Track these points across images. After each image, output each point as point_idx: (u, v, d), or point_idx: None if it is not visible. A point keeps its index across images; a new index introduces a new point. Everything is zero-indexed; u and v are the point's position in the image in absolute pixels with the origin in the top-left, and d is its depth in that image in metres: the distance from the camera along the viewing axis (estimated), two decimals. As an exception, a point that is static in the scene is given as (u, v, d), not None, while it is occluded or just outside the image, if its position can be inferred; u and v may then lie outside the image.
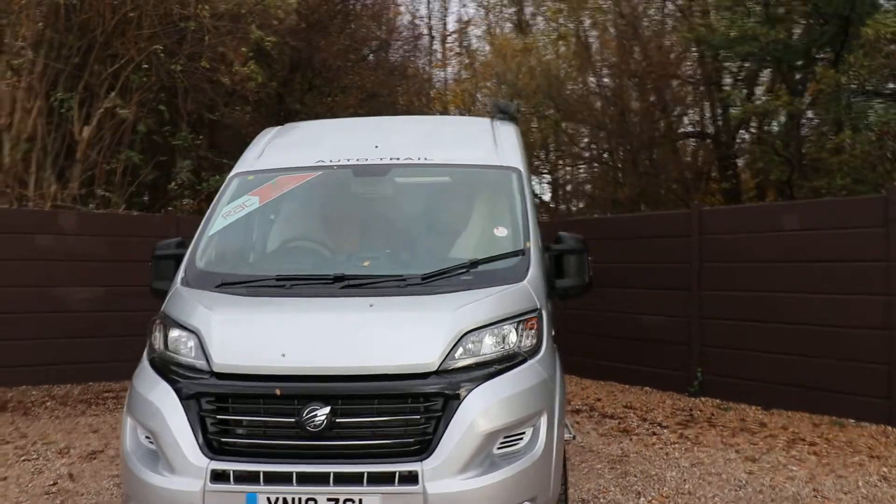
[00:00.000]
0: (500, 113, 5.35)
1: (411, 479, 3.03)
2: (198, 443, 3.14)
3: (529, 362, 3.45)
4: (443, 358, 3.24)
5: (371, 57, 13.48)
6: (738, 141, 16.88)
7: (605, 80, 18.39)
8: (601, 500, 4.88)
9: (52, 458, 5.84)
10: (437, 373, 3.21)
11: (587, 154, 19.74)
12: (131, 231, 9.06)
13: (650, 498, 4.92)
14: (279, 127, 5.39)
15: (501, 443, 3.25)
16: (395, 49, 15.30)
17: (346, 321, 3.41)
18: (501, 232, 4.13)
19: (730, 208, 9.56)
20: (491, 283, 3.68)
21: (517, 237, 4.04)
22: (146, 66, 9.26)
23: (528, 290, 3.71)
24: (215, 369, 3.26)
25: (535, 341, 3.56)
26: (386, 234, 4.36)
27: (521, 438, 3.30)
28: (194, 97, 10.24)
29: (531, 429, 3.33)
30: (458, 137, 5.00)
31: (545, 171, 24.15)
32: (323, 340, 3.31)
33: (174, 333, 3.49)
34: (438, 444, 3.09)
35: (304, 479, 3.05)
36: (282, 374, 3.21)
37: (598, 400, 8.43)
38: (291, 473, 3.05)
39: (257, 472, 3.06)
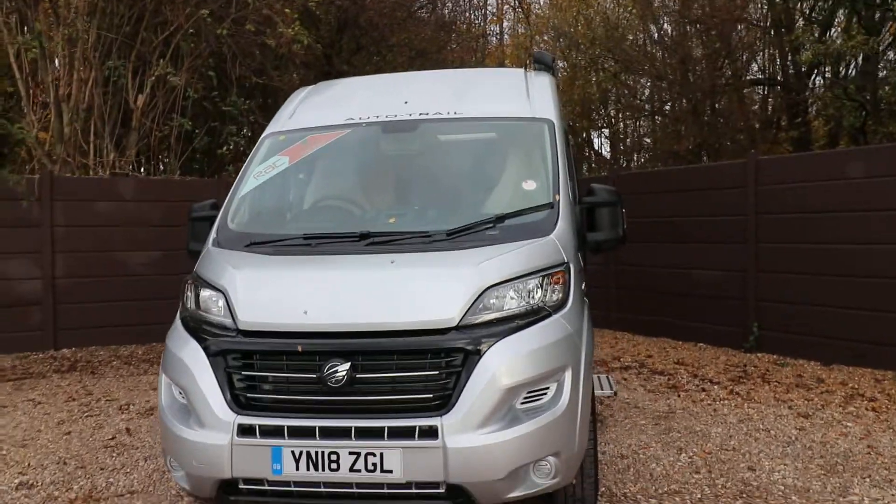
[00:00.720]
0: (537, 63, 5.20)
1: (431, 433, 3.03)
2: (225, 399, 3.22)
3: (554, 317, 3.38)
4: (463, 313, 3.21)
5: (420, 13, 13.23)
6: (809, 86, 16.03)
7: (667, 27, 17.67)
8: (641, 455, 4.81)
9: (112, 414, 6.14)
10: (457, 328, 3.19)
11: (648, 106, 19.11)
12: (185, 196, 9.28)
13: (692, 454, 4.82)
14: (312, 86, 5.38)
15: (525, 398, 3.21)
16: (444, 4, 14.99)
17: (366, 278, 3.41)
18: (530, 185, 4.03)
19: (788, 157, 9.10)
20: (517, 237, 3.61)
21: (546, 190, 3.94)
22: (192, 31, 9.37)
23: (555, 243, 3.63)
24: (240, 327, 3.32)
25: (561, 296, 3.48)
26: (414, 191, 4.32)
27: (546, 393, 3.26)
28: (243, 62, 10.33)
29: (555, 384, 3.27)
30: (490, 90, 4.88)
31: (603, 125, 23.62)
32: (343, 297, 3.32)
33: (205, 293, 3.56)
34: (458, 399, 3.08)
35: (327, 433, 3.09)
36: (304, 330, 3.24)
37: (650, 356, 8.29)
38: (314, 428, 3.10)
39: (282, 427, 3.12)
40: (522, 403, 3.21)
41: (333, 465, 3.08)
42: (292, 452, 3.10)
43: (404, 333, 3.18)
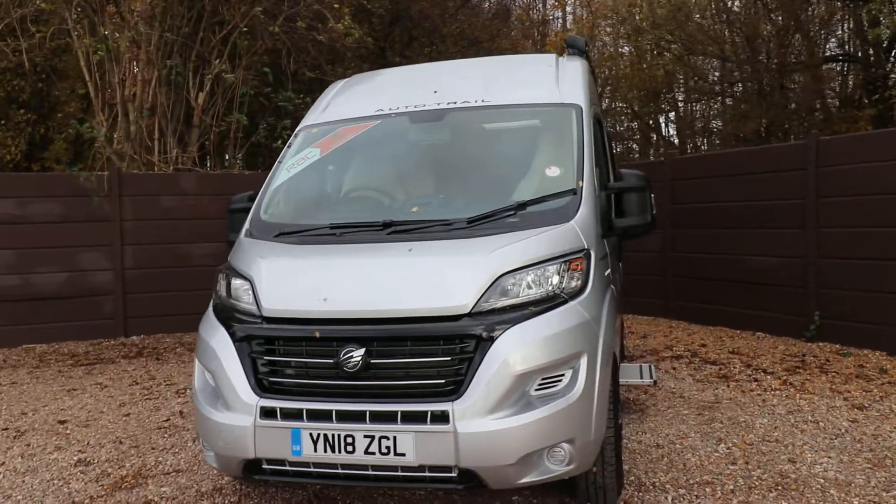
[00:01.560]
0: (570, 48, 5.15)
1: (443, 418, 3.08)
2: (250, 383, 3.35)
3: (570, 304, 3.36)
4: (476, 300, 3.24)
5: (474, 1, 13.20)
6: (890, 61, 15.16)
7: (734, 5, 17.04)
8: (677, 445, 4.72)
9: (170, 398, 6.46)
10: (470, 315, 3.22)
11: (716, 88, 18.49)
12: (243, 189, 9.57)
13: (731, 445, 4.70)
14: (347, 79, 5.48)
15: (539, 384, 3.22)
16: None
17: (383, 265, 3.48)
18: (553, 171, 4.01)
19: (850, 136, 8.65)
20: (538, 224, 3.61)
21: (569, 176, 3.91)
22: (245, 29, 9.65)
23: (574, 230, 3.60)
24: (264, 314, 3.45)
25: (579, 283, 3.46)
26: (440, 179, 4.36)
27: (561, 380, 3.25)
28: (297, 57, 10.57)
29: (570, 370, 3.26)
30: (519, 76, 4.87)
31: (670, 109, 23.00)
32: (360, 284, 3.40)
33: (235, 282, 3.71)
34: (470, 384, 3.12)
35: (343, 416, 3.19)
36: (322, 317, 3.34)
37: (704, 346, 8.08)
38: (331, 411, 3.20)
39: (301, 410, 3.23)
40: (537, 390, 3.22)
41: (349, 448, 3.17)
42: (310, 434, 3.21)
43: (418, 320, 3.24)
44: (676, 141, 23.00)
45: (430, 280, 3.34)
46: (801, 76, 16.05)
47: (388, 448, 3.13)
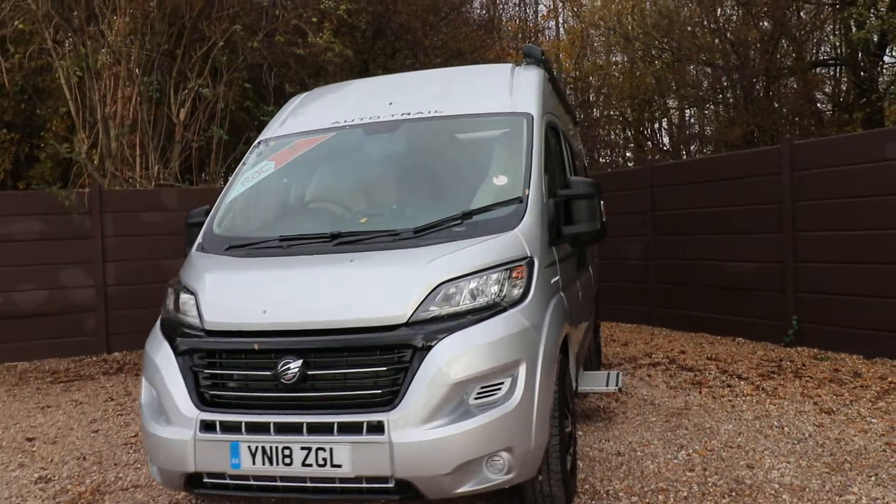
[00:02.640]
0: (527, 57, 5.16)
1: (378, 428, 3.08)
2: (191, 396, 3.35)
3: (510, 311, 3.36)
4: (413, 310, 3.24)
5: (452, 14, 13.25)
6: (881, 63, 15.18)
7: (720, 11, 17.06)
8: (638, 452, 4.70)
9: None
10: (406, 324, 3.22)
11: (705, 94, 18.50)
12: (224, 204, 9.66)
13: (691, 451, 4.67)
14: (307, 93, 5.51)
15: (479, 393, 3.22)
16: (483, 4, 14.95)
17: (323, 277, 3.49)
18: (501, 180, 4.02)
19: (823, 140, 8.63)
20: (483, 232, 3.62)
21: (516, 185, 3.91)
22: (221, 44, 9.71)
23: (517, 238, 3.61)
24: (206, 327, 3.46)
25: (520, 291, 3.46)
26: (391, 190, 4.38)
27: (500, 388, 3.25)
28: (278, 72, 10.63)
29: (509, 378, 3.26)
30: (474, 86, 4.89)
31: (662, 115, 23.05)
32: (299, 296, 3.41)
33: (183, 297, 3.71)
34: (405, 394, 3.12)
35: (281, 428, 3.18)
36: (261, 329, 3.35)
37: (683, 352, 8.05)
38: (269, 423, 3.20)
39: (240, 423, 3.23)
40: (476, 398, 3.22)
41: (287, 460, 3.17)
42: (249, 447, 3.21)
43: (354, 331, 3.24)
44: (670, 148, 23.05)
45: (367, 290, 3.35)
46: (791, 81, 16.07)
47: (324, 460, 3.13)
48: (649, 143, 23.81)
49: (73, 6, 9.57)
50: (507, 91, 4.61)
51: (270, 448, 3.18)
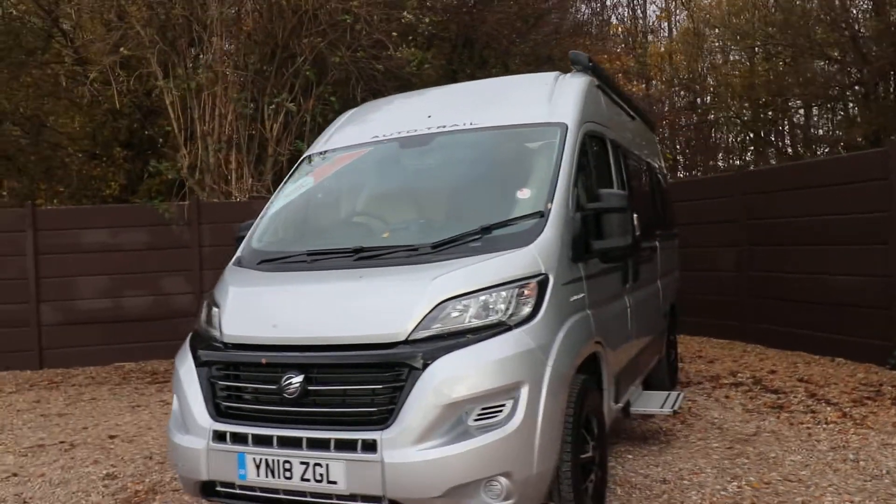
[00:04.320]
0: (574, 65, 5.00)
1: (371, 447, 3.07)
2: (207, 407, 3.48)
3: (514, 331, 3.25)
4: (414, 327, 3.20)
5: (539, 20, 13.05)
6: None
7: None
8: (686, 481, 4.40)
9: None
10: (406, 342, 3.19)
11: (820, 91, 17.19)
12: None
13: (744, 483, 4.31)
14: (357, 108, 5.60)
15: (479, 414, 3.13)
16: (578, 9, 14.64)
17: (332, 292, 3.53)
18: (524, 194, 3.91)
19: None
20: (499, 248, 3.54)
21: (540, 198, 3.79)
22: (310, 61, 10.07)
23: (531, 254, 3.49)
24: (224, 340, 3.59)
25: (529, 309, 3.34)
26: (420, 204, 4.35)
27: (501, 410, 3.14)
28: (365, 85, 10.90)
29: (511, 400, 3.15)
30: (514, 97, 4.78)
31: (780, 116, 21.64)
32: (307, 311, 3.46)
33: (213, 310, 3.87)
34: (400, 413, 3.08)
35: (283, 442, 3.24)
36: (270, 343, 3.43)
37: (773, 372, 7.48)
38: (272, 437, 3.26)
39: (247, 435, 3.32)
40: (476, 420, 3.13)
41: (287, 474, 3.22)
42: (254, 459, 3.29)
43: (353, 347, 3.25)
44: (790, 151, 21.62)
45: (370, 307, 3.35)
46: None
47: (321, 475, 3.15)
48: (772, 148, 22.44)
49: (177, 31, 10.27)
50: (545, 101, 4.47)
51: (273, 461, 3.24)
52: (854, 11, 14.81)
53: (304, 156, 5.03)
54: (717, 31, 23.42)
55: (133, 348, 9.89)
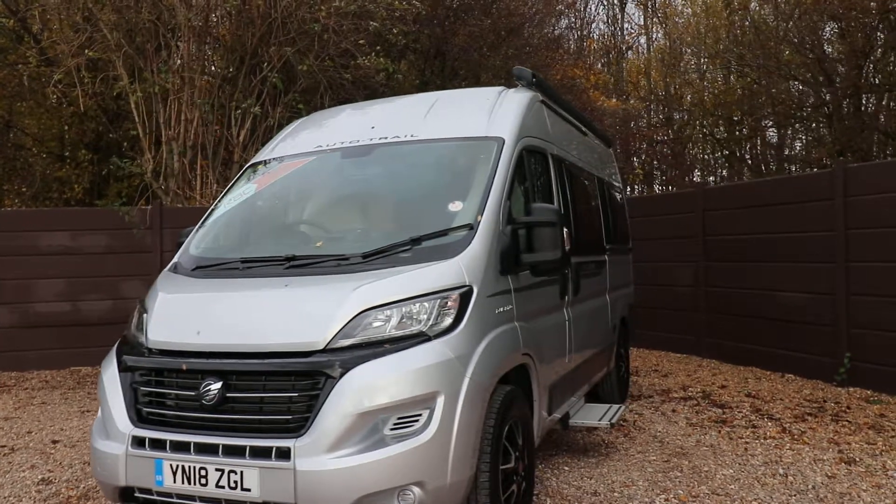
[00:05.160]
0: (518, 80, 5.08)
1: (285, 455, 3.08)
2: (128, 413, 3.48)
3: (433, 342, 3.28)
4: (332, 336, 3.23)
5: (511, 35, 13.17)
6: None
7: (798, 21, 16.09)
8: (616, 494, 4.44)
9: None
10: (323, 351, 3.22)
11: (787, 111, 17.49)
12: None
13: (672, 496, 4.36)
14: (306, 117, 5.63)
15: (395, 424, 3.16)
16: (551, 23, 14.78)
17: (256, 300, 3.54)
18: (456, 206, 3.95)
19: (880, 163, 7.93)
20: (427, 259, 3.58)
21: (471, 211, 3.84)
22: (277, 68, 10.08)
23: (456, 266, 3.53)
24: (148, 345, 3.59)
25: (450, 320, 3.38)
26: (356, 213, 4.40)
27: (417, 420, 3.17)
28: (333, 94, 10.93)
29: (427, 410, 3.18)
30: (456, 111, 4.83)
31: (751, 134, 21.96)
32: (230, 319, 3.48)
33: (143, 316, 3.87)
34: (314, 421, 3.10)
35: (200, 449, 3.24)
36: (192, 350, 3.43)
37: (723, 387, 7.57)
38: (189, 443, 3.26)
39: (165, 441, 3.32)
40: (392, 429, 3.16)
41: (203, 481, 3.22)
42: (171, 465, 3.28)
43: (273, 355, 3.26)
44: (764, 168, 21.92)
45: (290, 316, 3.37)
46: (887, 99, 14.92)
47: (235, 482, 3.15)
48: (745, 165, 22.75)
49: (144, 36, 10.25)
50: (486, 115, 4.53)
51: (189, 467, 3.24)
52: (821, 33, 15.06)
53: (249, 164, 5.06)
54: (691, 49, 23.80)
55: (91, 352, 9.75)
